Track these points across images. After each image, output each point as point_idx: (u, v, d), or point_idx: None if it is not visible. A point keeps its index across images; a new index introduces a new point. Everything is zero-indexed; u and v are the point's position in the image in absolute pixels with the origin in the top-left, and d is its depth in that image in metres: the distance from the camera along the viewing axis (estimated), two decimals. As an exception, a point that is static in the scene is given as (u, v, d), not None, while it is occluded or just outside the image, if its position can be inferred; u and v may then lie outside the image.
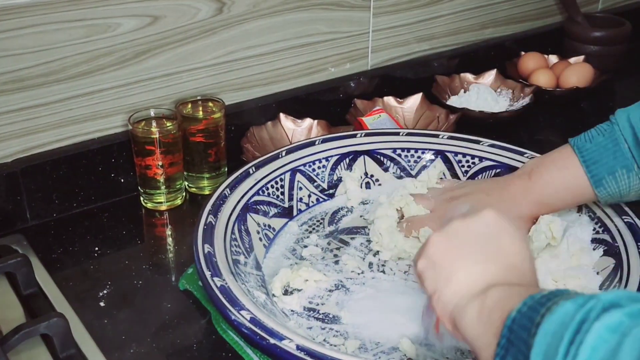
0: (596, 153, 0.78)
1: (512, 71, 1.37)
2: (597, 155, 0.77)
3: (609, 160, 0.77)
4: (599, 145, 0.78)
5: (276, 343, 0.65)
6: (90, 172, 0.98)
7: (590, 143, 0.78)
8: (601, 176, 0.77)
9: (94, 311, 0.81)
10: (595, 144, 0.78)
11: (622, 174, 0.76)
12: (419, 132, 1.04)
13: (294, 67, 1.15)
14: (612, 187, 0.77)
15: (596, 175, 0.77)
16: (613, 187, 0.77)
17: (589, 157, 0.78)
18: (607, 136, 0.78)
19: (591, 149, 0.78)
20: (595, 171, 0.77)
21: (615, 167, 0.76)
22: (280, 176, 0.94)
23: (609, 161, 0.77)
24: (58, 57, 0.92)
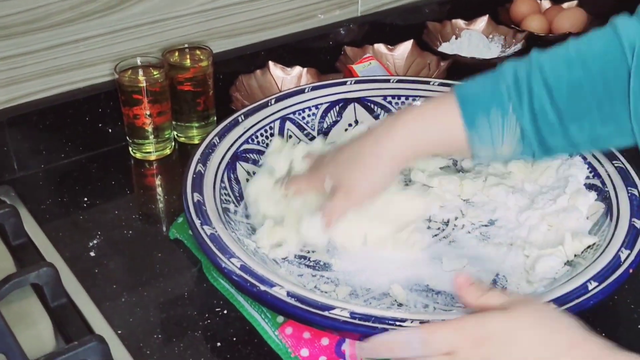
0: (473, 91, 0.72)
1: (504, 17, 1.35)
2: (473, 93, 0.71)
3: (485, 99, 0.70)
4: (478, 85, 0.72)
5: (267, 290, 0.66)
6: (77, 122, 0.97)
7: (470, 85, 0.73)
8: (474, 115, 0.70)
9: (85, 261, 0.81)
10: (474, 84, 0.72)
11: (496, 115, 0.69)
12: (410, 79, 1.03)
13: (283, 14, 1.13)
14: (484, 132, 0.70)
15: (469, 114, 0.70)
16: (485, 132, 0.70)
17: (465, 94, 0.71)
18: (489, 78, 0.72)
19: (469, 87, 0.72)
20: (469, 109, 0.70)
21: (490, 106, 0.70)
22: (270, 124, 0.93)
23: (485, 101, 0.70)
24: (42, 4, 0.90)
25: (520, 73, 0.70)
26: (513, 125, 0.70)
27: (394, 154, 0.74)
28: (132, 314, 0.74)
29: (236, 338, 0.71)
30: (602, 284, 0.67)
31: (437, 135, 0.73)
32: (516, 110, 0.69)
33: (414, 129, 0.73)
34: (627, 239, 0.73)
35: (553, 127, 0.69)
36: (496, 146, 0.71)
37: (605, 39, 0.69)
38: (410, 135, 0.73)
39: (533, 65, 0.70)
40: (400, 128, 0.73)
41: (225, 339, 0.71)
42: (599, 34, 0.70)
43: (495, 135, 0.70)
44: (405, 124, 0.73)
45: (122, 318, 0.73)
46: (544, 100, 0.68)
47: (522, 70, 0.70)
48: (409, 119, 0.74)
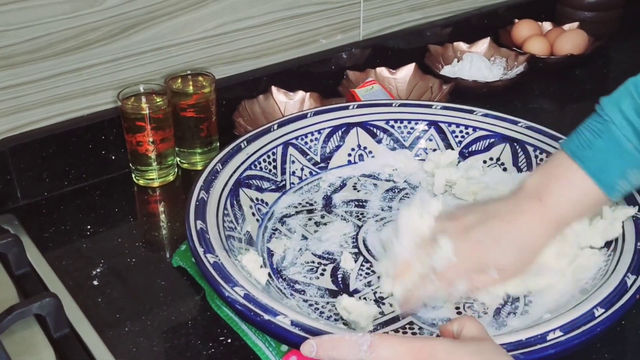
0: (601, 161, 0.72)
1: (506, 39, 1.36)
2: (602, 162, 0.72)
3: (617, 164, 0.71)
4: (601, 151, 0.72)
5: (270, 319, 0.65)
6: (80, 150, 0.97)
7: (590, 150, 0.72)
8: (613, 182, 0.72)
9: (87, 290, 0.80)
10: (596, 150, 0.72)
11: (635, 173, 0.71)
12: (412, 103, 1.03)
13: (285, 39, 1.14)
14: (625, 188, 0.72)
15: (608, 183, 0.71)
16: (627, 187, 0.72)
17: (595, 167, 0.72)
18: (605, 138, 0.72)
19: (594, 157, 0.72)
20: (606, 179, 0.71)
21: (626, 169, 0.71)
22: (273, 150, 0.93)
23: (617, 165, 0.71)
24: (44, 34, 0.90)
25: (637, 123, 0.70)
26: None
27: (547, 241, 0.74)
28: (135, 343, 0.73)
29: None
30: (609, 310, 0.66)
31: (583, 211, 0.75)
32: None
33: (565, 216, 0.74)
34: (632, 264, 0.72)
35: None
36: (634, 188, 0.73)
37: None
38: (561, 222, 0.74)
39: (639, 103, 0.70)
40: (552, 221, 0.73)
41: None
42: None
43: (635, 186, 0.73)
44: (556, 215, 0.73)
45: (125, 348, 0.73)
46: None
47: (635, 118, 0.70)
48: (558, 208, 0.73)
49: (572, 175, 0.73)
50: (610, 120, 0.71)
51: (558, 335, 0.63)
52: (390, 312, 0.75)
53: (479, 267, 0.73)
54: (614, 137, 0.71)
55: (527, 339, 0.63)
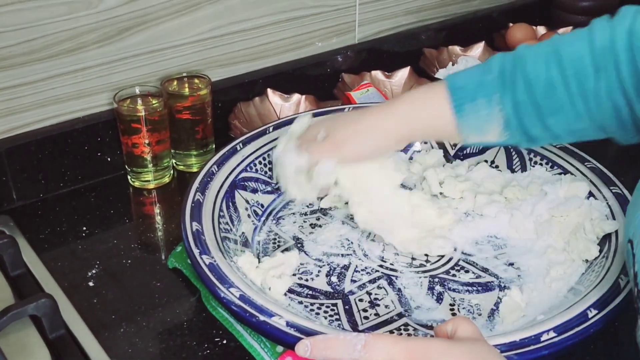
0: (462, 81, 0.76)
1: (500, 43, 1.36)
2: (463, 82, 0.76)
3: (473, 88, 0.75)
4: (468, 74, 0.77)
5: (266, 320, 0.65)
6: (76, 152, 0.97)
7: (460, 73, 0.78)
8: (463, 101, 0.75)
9: (83, 291, 0.81)
10: (464, 73, 0.78)
11: (483, 102, 0.75)
12: (407, 106, 1.03)
13: (280, 42, 1.14)
14: (472, 118, 0.76)
15: (458, 100, 0.76)
16: (473, 118, 0.76)
17: (454, 83, 0.77)
18: (477, 68, 0.78)
19: (459, 77, 0.77)
20: (458, 96, 0.76)
21: (477, 95, 0.75)
22: (268, 152, 0.94)
23: (473, 88, 0.75)
24: (40, 35, 0.91)
25: (506, 65, 0.75)
26: (497, 114, 0.75)
27: (388, 128, 0.79)
28: (131, 344, 0.74)
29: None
30: (602, 312, 0.67)
31: (429, 119, 0.78)
32: (500, 101, 0.74)
33: (408, 111, 0.78)
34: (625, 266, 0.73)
35: (532, 119, 0.74)
36: (483, 132, 0.77)
37: (581, 41, 0.73)
38: (404, 115, 0.78)
39: (517, 59, 0.75)
40: (396, 109, 0.79)
41: (224, 369, 0.71)
42: (578, 35, 0.74)
43: (482, 122, 0.76)
44: (400, 105, 0.79)
45: (121, 349, 0.73)
46: (523, 93, 0.73)
47: (508, 63, 0.75)
48: (404, 102, 0.79)
49: (434, 87, 0.78)
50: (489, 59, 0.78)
51: (552, 336, 0.64)
52: (384, 314, 0.75)
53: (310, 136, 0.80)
54: (483, 71, 0.76)
55: (521, 339, 0.64)
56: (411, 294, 0.78)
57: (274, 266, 0.79)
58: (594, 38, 0.72)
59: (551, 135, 0.76)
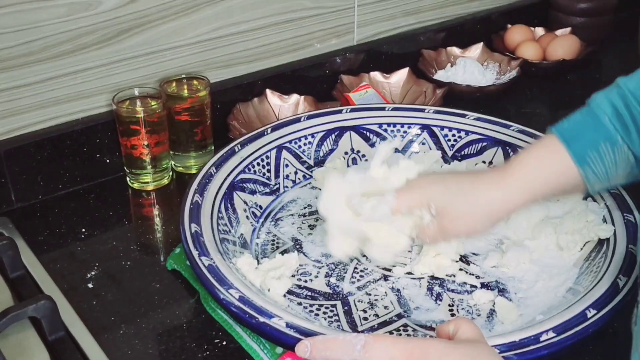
0: (575, 130, 0.73)
1: (499, 44, 1.36)
2: (576, 131, 0.73)
3: (590, 135, 0.72)
4: (578, 122, 0.73)
5: (265, 321, 0.65)
6: (75, 153, 0.97)
7: (567, 122, 0.74)
8: (584, 152, 0.72)
9: (82, 293, 0.81)
10: (573, 122, 0.74)
11: (606, 147, 0.71)
12: (405, 107, 1.04)
13: (279, 44, 1.14)
14: (597, 165, 0.72)
15: (579, 153, 0.72)
16: (598, 165, 0.72)
17: (569, 135, 0.73)
18: (585, 113, 0.74)
19: (570, 127, 0.74)
20: (577, 148, 0.72)
21: (598, 141, 0.71)
22: (267, 153, 0.94)
23: (590, 135, 0.72)
24: (39, 37, 0.91)
25: (617, 102, 0.71)
26: (624, 154, 0.71)
27: (505, 201, 0.74)
28: (130, 346, 0.73)
29: (235, 370, 0.71)
30: (601, 312, 0.67)
31: (547, 180, 0.74)
32: (625, 139, 0.71)
33: (524, 176, 0.74)
34: (624, 266, 0.73)
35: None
36: (610, 176, 0.72)
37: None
38: (522, 182, 0.74)
39: (625, 92, 0.71)
40: (510, 177, 0.74)
41: (224, 370, 0.71)
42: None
43: (609, 167, 0.72)
44: (514, 172, 0.74)
45: (120, 350, 0.73)
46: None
47: (616, 99, 0.72)
48: (517, 168, 0.74)
49: (547, 146, 0.74)
50: (593, 101, 0.73)
51: (551, 336, 0.64)
52: (384, 315, 0.75)
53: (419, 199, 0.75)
54: (592, 112, 0.72)
55: (520, 340, 0.64)
56: (410, 294, 0.78)
57: (274, 267, 0.79)
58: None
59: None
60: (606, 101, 0.72)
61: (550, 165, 0.73)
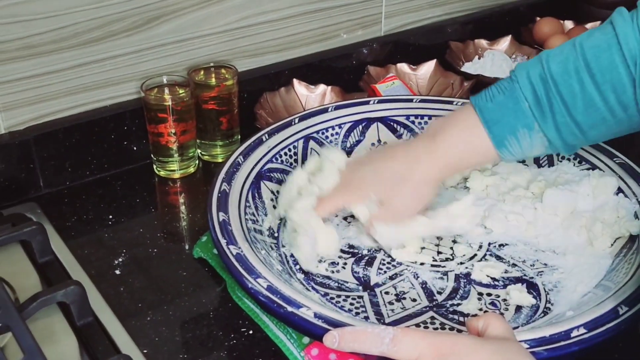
0: (497, 113, 0.76)
1: (527, 37, 1.35)
2: (498, 115, 0.76)
3: (510, 120, 0.75)
4: (500, 105, 0.76)
5: (294, 311, 0.65)
6: (103, 140, 0.98)
7: (491, 102, 0.77)
8: (503, 136, 0.76)
9: (110, 279, 0.81)
10: (495, 103, 0.76)
11: (524, 133, 0.75)
12: (433, 99, 1.03)
13: (307, 34, 1.14)
14: (514, 148, 0.77)
15: (498, 136, 0.76)
16: (516, 148, 0.77)
17: (490, 118, 0.76)
18: (507, 94, 0.76)
19: (492, 109, 0.76)
20: (497, 132, 0.76)
21: (517, 127, 0.75)
22: (294, 143, 0.93)
23: (510, 120, 0.75)
24: (69, 23, 0.91)
25: (538, 86, 0.74)
26: (540, 138, 0.76)
27: (429, 178, 0.80)
28: (157, 333, 0.74)
29: (262, 359, 0.71)
30: (633, 309, 0.66)
31: (469, 157, 0.80)
32: (541, 127, 0.75)
33: (446, 154, 0.79)
34: (657, 263, 0.72)
35: (575, 134, 0.75)
36: (525, 155, 0.78)
37: (610, 51, 0.72)
38: (443, 160, 0.79)
39: (546, 75, 0.74)
40: (432, 153, 0.79)
41: (251, 359, 0.71)
42: (603, 38, 0.72)
43: (525, 149, 0.77)
44: (437, 149, 0.79)
45: (147, 337, 0.73)
46: (563, 115, 0.74)
47: (538, 81, 0.74)
48: (440, 144, 0.79)
49: (468, 122, 0.78)
50: (515, 80, 0.76)
51: (582, 333, 0.63)
52: (410, 307, 0.75)
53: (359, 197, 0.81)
54: (514, 95, 0.75)
55: (550, 335, 0.63)
56: (437, 287, 0.78)
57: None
58: (622, 44, 0.71)
59: (591, 141, 0.78)
60: (528, 83, 0.75)
61: (473, 147, 0.78)
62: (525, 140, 0.76)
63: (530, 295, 0.76)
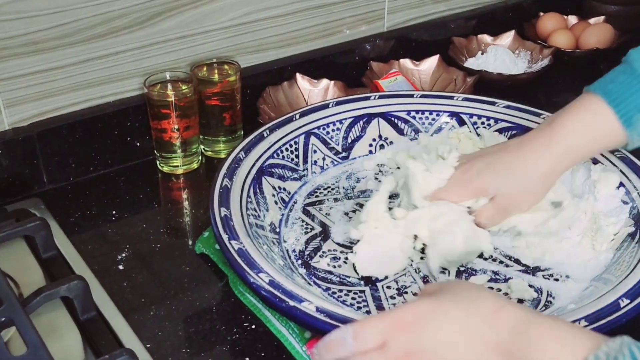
0: (622, 92, 0.73)
1: (531, 32, 1.35)
2: (623, 94, 0.73)
3: (637, 96, 0.72)
4: (623, 84, 0.74)
5: (296, 305, 0.66)
6: (106, 136, 0.98)
7: (612, 84, 0.74)
8: (631, 114, 0.72)
9: (113, 274, 0.81)
10: (618, 84, 0.74)
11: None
12: (434, 94, 1.03)
13: (310, 30, 1.14)
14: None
15: (626, 114, 0.72)
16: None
17: (616, 97, 0.73)
18: (628, 75, 0.74)
19: (616, 89, 0.74)
20: (625, 109, 0.73)
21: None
22: (295, 139, 0.94)
23: (637, 97, 0.72)
24: (73, 20, 0.91)
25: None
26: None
27: (552, 170, 0.77)
28: (160, 327, 0.74)
29: (265, 353, 0.71)
30: (635, 301, 0.66)
31: (592, 141, 0.76)
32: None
33: (571, 143, 0.75)
34: (658, 256, 0.72)
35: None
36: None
37: None
38: (568, 150, 0.75)
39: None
40: (557, 145, 0.75)
41: (253, 354, 0.71)
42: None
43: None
44: (561, 140, 0.75)
45: (150, 332, 0.73)
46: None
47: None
48: (564, 134, 0.75)
49: (590, 106, 0.75)
50: (631, 62, 0.74)
51: (583, 326, 0.63)
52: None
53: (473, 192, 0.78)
54: (636, 73, 0.73)
55: (552, 329, 0.63)
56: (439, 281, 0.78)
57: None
58: None
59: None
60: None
61: (597, 129, 0.74)
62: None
63: (532, 288, 0.76)
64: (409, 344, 0.56)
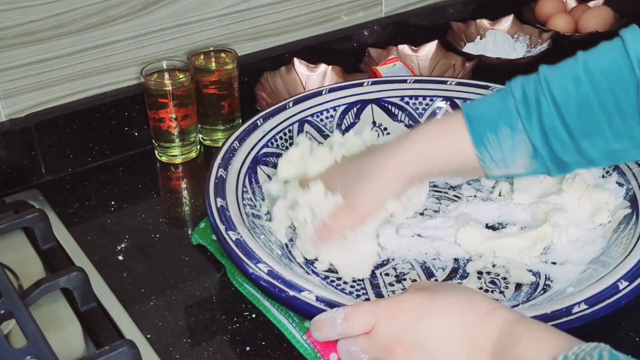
0: (481, 110, 0.70)
1: (530, 16, 1.34)
2: (481, 112, 0.70)
3: (493, 117, 0.69)
4: (486, 102, 0.71)
5: (295, 295, 0.65)
6: (104, 126, 0.98)
7: (478, 102, 0.72)
8: (482, 133, 0.69)
9: (113, 265, 0.81)
10: (481, 101, 0.72)
11: (506, 131, 0.68)
12: (427, 79, 1.02)
13: (307, 16, 1.13)
14: (495, 150, 0.69)
15: (477, 132, 0.69)
16: (496, 150, 0.69)
17: (473, 113, 0.70)
18: (496, 95, 0.71)
19: (477, 106, 0.71)
20: (477, 127, 0.69)
21: (499, 124, 0.69)
22: (289, 127, 0.93)
23: (493, 117, 0.69)
24: (68, 9, 0.91)
25: (528, 89, 0.69)
26: (524, 142, 0.69)
27: (399, 171, 0.73)
28: (161, 317, 0.74)
29: (265, 342, 0.71)
30: (633, 283, 0.66)
31: (445, 154, 0.72)
32: (526, 127, 0.68)
33: (420, 146, 0.73)
34: (656, 237, 0.72)
35: (565, 143, 0.68)
36: (508, 164, 0.70)
37: (613, 54, 0.66)
38: (416, 152, 0.73)
39: (541, 80, 0.68)
40: (407, 146, 0.73)
41: (254, 343, 0.71)
42: (607, 48, 0.68)
43: (507, 153, 0.69)
44: (412, 141, 0.73)
45: (151, 322, 0.73)
46: (553, 117, 0.67)
47: (530, 86, 0.69)
48: (417, 137, 0.74)
49: (453, 120, 0.72)
50: (511, 84, 0.71)
51: (583, 309, 0.63)
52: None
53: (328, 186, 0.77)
54: (503, 95, 0.70)
55: (552, 312, 0.63)
56: (437, 267, 0.78)
57: None
58: (629, 49, 0.65)
59: (586, 159, 0.69)
60: (520, 86, 0.69)
61: (448, 141, 0.72)
62: (507, 141, 0.69)
63: (530, 272, 0.76)
64: (398, 331, 0.57)
